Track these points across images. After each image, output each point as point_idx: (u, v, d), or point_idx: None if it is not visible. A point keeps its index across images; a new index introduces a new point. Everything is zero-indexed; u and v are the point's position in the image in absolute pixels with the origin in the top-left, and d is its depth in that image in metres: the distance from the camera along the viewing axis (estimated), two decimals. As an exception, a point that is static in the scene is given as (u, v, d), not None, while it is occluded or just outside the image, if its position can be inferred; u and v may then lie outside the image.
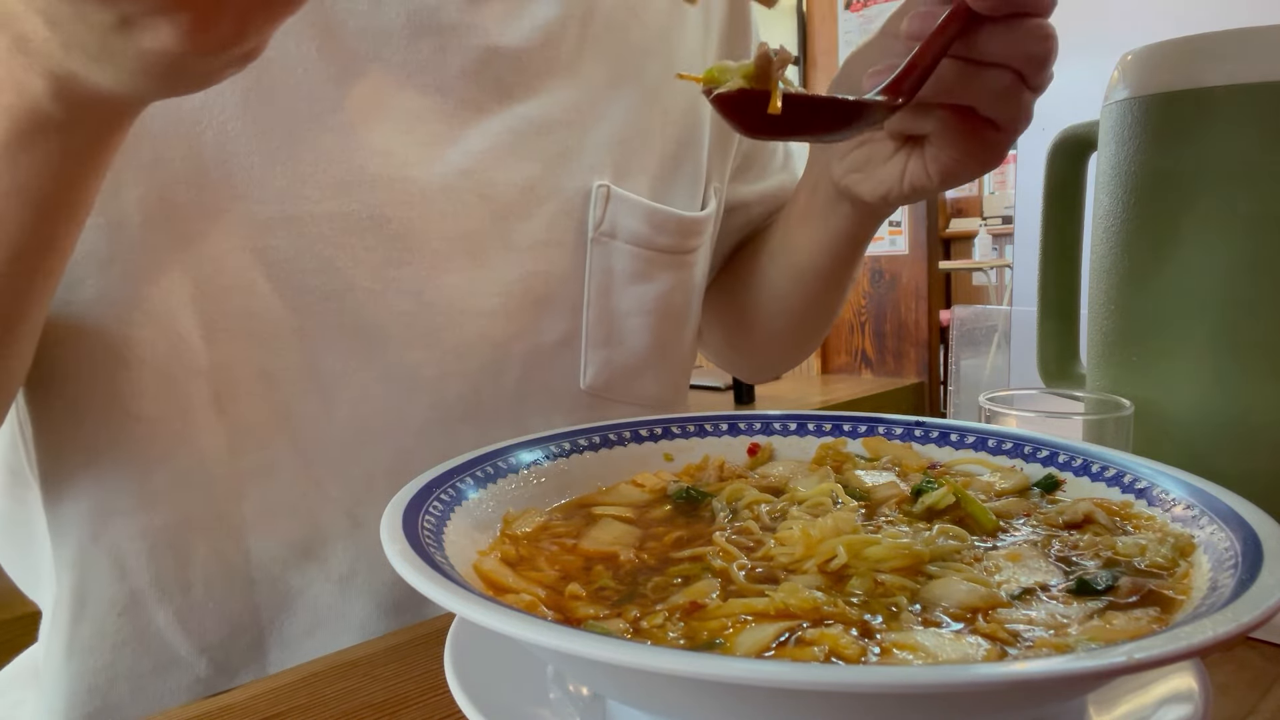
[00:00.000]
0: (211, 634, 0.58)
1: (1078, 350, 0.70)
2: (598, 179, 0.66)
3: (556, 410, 0.66)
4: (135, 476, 0.55)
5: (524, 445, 0.49)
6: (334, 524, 0.60)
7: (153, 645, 0.57)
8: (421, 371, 0.60)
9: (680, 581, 0.38)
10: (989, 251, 5.46)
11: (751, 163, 0.83)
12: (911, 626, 0.33)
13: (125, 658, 0.57)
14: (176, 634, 0.57)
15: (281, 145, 0.55)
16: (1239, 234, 0.55)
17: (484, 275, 0.62)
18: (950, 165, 0.56)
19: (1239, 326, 0.55)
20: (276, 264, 0.55)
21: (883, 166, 0.60)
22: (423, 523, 0.36)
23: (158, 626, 0.57)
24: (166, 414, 0.55)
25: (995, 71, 0.51)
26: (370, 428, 0.59)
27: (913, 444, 0.53)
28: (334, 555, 0.60)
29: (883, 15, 3.21)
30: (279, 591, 0.59)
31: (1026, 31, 0.50)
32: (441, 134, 0.60)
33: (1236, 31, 0.55)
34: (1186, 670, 0.36)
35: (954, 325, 2.45)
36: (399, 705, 0.44)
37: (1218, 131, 0.55)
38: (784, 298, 0.78)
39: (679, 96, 0.71)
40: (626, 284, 0.68)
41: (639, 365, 0.70)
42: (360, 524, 0.60)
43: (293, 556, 0.59)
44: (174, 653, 0.58)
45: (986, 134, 0.54)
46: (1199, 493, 0.40)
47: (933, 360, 3.19)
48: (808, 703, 0.26)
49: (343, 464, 0.59)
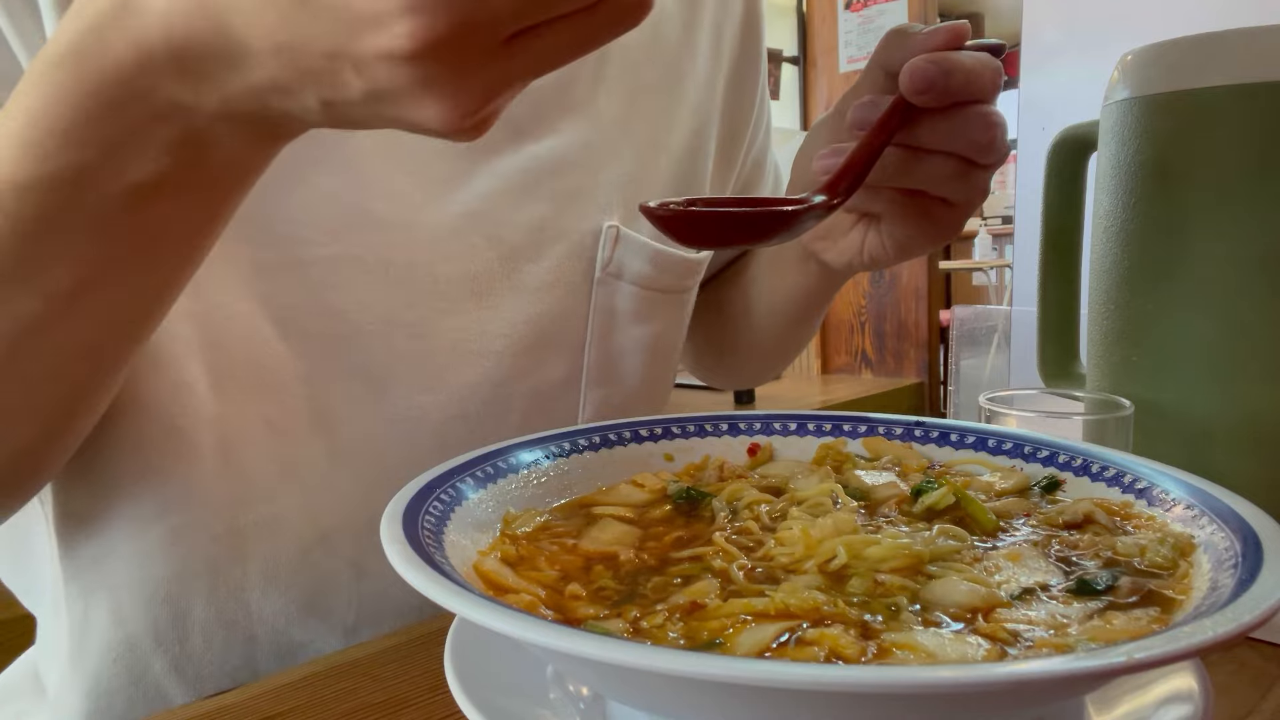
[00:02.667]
0: (208, 686, 0.56)
1: (1078, 350, 0.70)
2: (608, 219, 0.65)
3: None
4: (138, 527, 0.54)
5: (524, 445, 0.49)
6: (339, 575, 0.58)
7: (148, 693, 0.56)
8: (429, 415, 0.59)
9: (680, 581, 0.38)
10: (989, 251, 5.46)
11: (748, 192, 0.84)
12: (911, 626, 0.33)
13: (119, 704, 0.56)
14: (173, 684, 0.56)
15: (283, 188, 0.53)
16: (1239, 234, 0.55)
17: (490, 316, 0.61)
18: (904, 241, 0.57)
19: (1239, 326, 0.55)
20: (281, 309, 0.54)
21: (844, 237, 0.60)
22: (423, 523, 0.36)
23: (154, 675, 0.56)
24: (173, 465, 0.53)
25: (941, 158, 0.51)
26: (377, 474, 0.57)
27: (913, 444, 0.53)
28: (338, 608, 0.59)
29: (883, 15, 3.20)
30: (281, 646, 0.58)
31: (969, 120, 0.49)
32: (450, 174, 0.59)
33: (1236, 31, 0.55)
34: (1186, 670, 0.36)
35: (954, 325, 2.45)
36: (399, 705, 0.44)
37: (1218, 131, 0.55)
38: (755, 329, 0.80)
39: (681, 133, 0.71)
40: (628, 324, 0.68)
41: (632, 402, 0.70)
42: (365, 574, 0.59)
43: (296, 612, 0.58)
44: (169, 703, 0.56)
45: (938, 211, 0.54)
46: (1199, 493, 0.40)
47: (933, 360, 3.19)
48: (808, 703, 0.26)
49: (349, 513, 0.58)
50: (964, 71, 0.48)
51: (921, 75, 0.47)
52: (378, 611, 0.60)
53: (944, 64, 0.47)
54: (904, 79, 0.47)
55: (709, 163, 0.74)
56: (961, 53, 0.49)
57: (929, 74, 0.47)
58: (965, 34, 0.49)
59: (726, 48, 0.75)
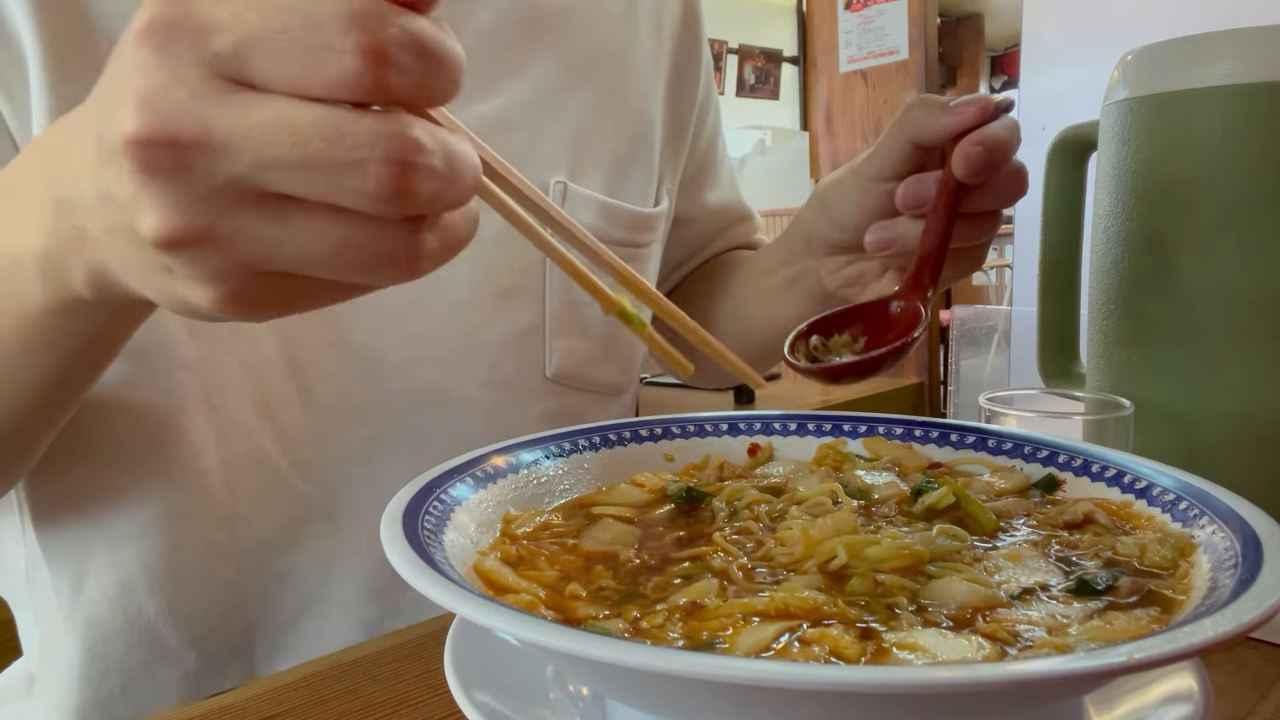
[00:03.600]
0: (200, 624, 0.59)
1: (1078, 350, 0.70)
2: (555, 176, 0.68)
3: (523, 398, 0.68)
4: (129, 467, 0.57)
5: (524, 445, 0.49)
6: (313, 509, 0.62)
7: (143, 636, 0.59)
8: (389, 355, 0.62)
9: (680, 581, 0.38)
10: (989, 251, 5.45)
11: (705, 171, 0.87)
12: (911, 626, 0.33)
13: (117, 649, 0.58)
14: (167, 624, 0.59)
15: None
16: (1239, 234, 0.55)
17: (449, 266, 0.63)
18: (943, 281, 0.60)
19: (1239, 326, 0.55)
20: None
21: (876, 282, 0.64)
22: (423, 523, 0.36)
23: (149, 617, 0.58)
24: (158, 407, 0.56)
25: (985, 216, 0.57)
26: (346, 413, 0.61)
27: (913, 444, 0.53)
28: (312, 540, 0.62)
29: (883, 15, 3.20)
30: (264, 579, 0.61)
31: (1009, 181, 0.54)
32: None
33: (1236, 31, 0.55)
34: (1186, 670, 0.36)
35: (954, 325, 2.45)
36: (399, 705, 0.44)
37: (1218, 131, 0.55)
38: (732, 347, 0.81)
39: (633, 98, 0.74)
40: None
41: (599, 354, 0.72)
42: (335, 508, 0.62)
43: (277, 542, 0.61)
44: (164, 644, 0.59)
45: (975, 252, 0.60)
46: (1199, 493, 0.40)
47: (933, 360, 3.19)
48: (808, 703, 0.26)
49: (322, 448, 0.61)
50: (1005, 147, 0.53)
51: (977, 162, 0.52)
52: (349, 550, 0.62)
53: (991, 145, 0.52)
54: (959, 166, 0.52)
55: (658, 132, 0.76)
56: (998, 127, 0.53)
57: (982, 160, 0.52)
58: (989, 107, 0.53)
59: (667, 30, 0.78)
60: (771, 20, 4.43)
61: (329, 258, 0.29)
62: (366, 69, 0.27)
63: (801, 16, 3.48)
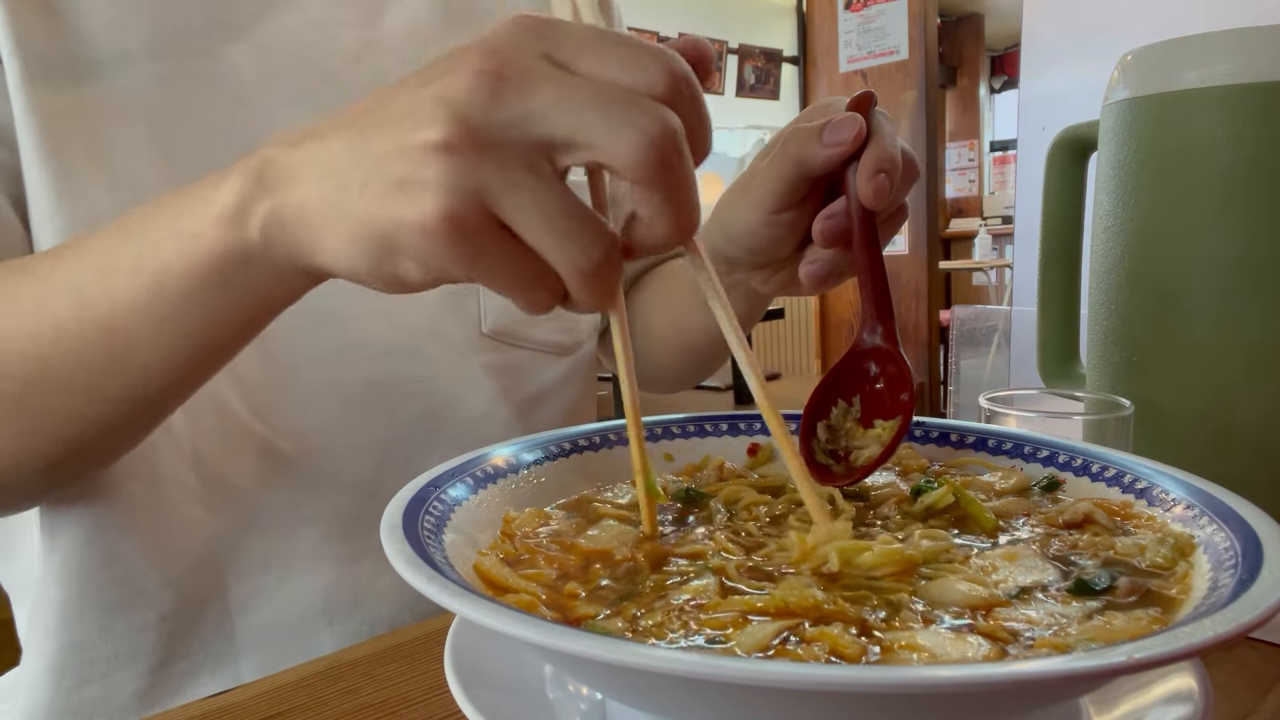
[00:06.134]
0: (174, 565, 0.61)
1: (1078, 350, 0.70)
2: None
3: (464, 352, 0.70)
4: None
5: (524, 445, 0.49)
6: (276, 453, 0.63)
7: (119, 575, 0.60)
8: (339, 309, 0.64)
9: (679, 580, 0.38)
10: (989, 251, 5.46)
11: None
12: (911, 626, 0.33)
13: (92, 588, 0.59)
14: (140, 563, 0.60)
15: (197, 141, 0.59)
16: (1238, 234, 0.55)
17: None
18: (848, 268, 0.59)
19: (1239, 326, 0.55)
20: None
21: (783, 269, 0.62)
22: (422, 523, 0.36)
23: (124, 556, 0.59)
24: None
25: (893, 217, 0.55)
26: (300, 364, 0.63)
27: (913, 444, 0.53)
28: (278, 483, 0.63)
29: (883, 15, 3.21)
30: (232, 519, 0.62)
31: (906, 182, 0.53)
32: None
33: (1236, 32, 0.55)
34: (1186, 670, 0.36)
35: (954, 325, 2.45)
36: (399, 705, 0.44)
37: (1217, 131, 0.55)
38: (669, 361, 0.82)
39: None
40: None
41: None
42: (298, 454, 0.64)
43: (242, 483, 0.62)
44: (139, 584, 0.60)
45: None
46: (1199, 493, 0.40)
47: (933, 360, 3.19)
48: (808, 702, 0.26)
49: (277, 397, 0.63)
50: (899, 163, 0.51)
51: (885, 190, 0.50)
52: (316, 489, 0.64)
53: (890, 167, 0.50)
54: (870, 199, 0.50)
55: None
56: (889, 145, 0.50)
57: (885, 187, 0.49)
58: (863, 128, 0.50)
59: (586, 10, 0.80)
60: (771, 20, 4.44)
61: (547, 217, 0.34)
62: (668, 78, 0.34)
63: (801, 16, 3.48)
